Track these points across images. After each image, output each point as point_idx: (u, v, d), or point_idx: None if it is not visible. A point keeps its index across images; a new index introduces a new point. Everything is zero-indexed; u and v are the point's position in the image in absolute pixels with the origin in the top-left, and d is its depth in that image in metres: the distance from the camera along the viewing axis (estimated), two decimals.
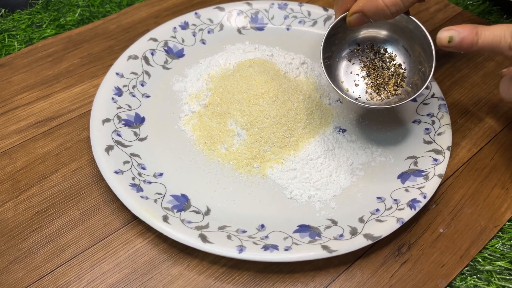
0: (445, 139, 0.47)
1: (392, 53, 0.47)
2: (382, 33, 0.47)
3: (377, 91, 0.46)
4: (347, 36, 0.47)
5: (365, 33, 0.47)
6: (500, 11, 0.66)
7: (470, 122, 0.52)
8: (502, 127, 0.52)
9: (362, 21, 0.42)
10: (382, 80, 0.46)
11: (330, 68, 0.47)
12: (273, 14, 0.61)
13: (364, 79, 0.47)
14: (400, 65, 0.46)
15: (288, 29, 0.60)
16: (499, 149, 0.50)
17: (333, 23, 0.44)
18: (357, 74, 0.47)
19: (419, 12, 0.65)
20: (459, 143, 0.50)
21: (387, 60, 0.47)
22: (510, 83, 0.41)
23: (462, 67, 0.58)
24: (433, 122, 0.49)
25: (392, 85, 0.46)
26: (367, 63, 0.47)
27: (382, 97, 0.46)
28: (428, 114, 0.50)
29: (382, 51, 0.47)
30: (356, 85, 0.47)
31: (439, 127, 0.48)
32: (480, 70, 0.58)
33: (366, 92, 0.47)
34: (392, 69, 0.46)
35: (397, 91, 0.46)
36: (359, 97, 0.46)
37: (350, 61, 0.48)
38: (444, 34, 0.38)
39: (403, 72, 0.46)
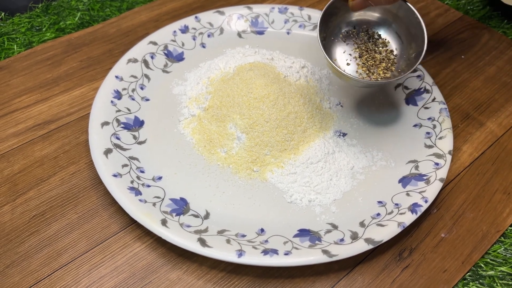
0: (446, 143, 0.47)
1: (386, 39, 0.49)
2: (377, 16, 0.49)
3: (367, 72, 0.47)
4: (343, 16, 0.49)
5: (361, 15, 0.49)
6: (501, 15, 0.66)
7: (471, 126, 0.52)
8: (504, 131, 0.52)
9: (365, 5, 0.44)
10: (373, 63, 0.48)
11: (325, 46, 0.48)
12: (273, 18, 0.61)
13: (356, 59, 0.48)
14: (392, 51, 0.48)
15: (288, 33, 0.60)
16: (501, 154, 0.50)
17: (330, 2, 0.46)
18: (349, 54, 0.49)
19: None
20: (460, 148, 0.50)
21: (380, 45, 0.49)
22: None
23: (462, 72, 0.58)
24: (434, 126, 0.49)
25: (382, 68, 0.47)
26: (361, 45, 0.49)
27: (371, 78, 0.47)
28: (429, 118, 0.50)
29: (376, 36, 0.49)
30: (348, 64, 0.48)
31: (440, 131, 0.48)
32: (481, 75, 0.58)
33: (357, 72, 0.48)
34: (384, 54, 0.48)
35: (386, 74, 0.47)
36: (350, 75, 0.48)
37: (344, 42, 0.49)
38: None
39: (394, 58, 0.48)
